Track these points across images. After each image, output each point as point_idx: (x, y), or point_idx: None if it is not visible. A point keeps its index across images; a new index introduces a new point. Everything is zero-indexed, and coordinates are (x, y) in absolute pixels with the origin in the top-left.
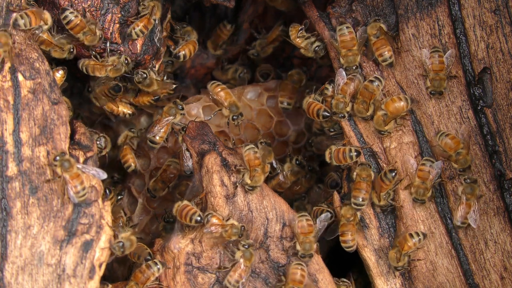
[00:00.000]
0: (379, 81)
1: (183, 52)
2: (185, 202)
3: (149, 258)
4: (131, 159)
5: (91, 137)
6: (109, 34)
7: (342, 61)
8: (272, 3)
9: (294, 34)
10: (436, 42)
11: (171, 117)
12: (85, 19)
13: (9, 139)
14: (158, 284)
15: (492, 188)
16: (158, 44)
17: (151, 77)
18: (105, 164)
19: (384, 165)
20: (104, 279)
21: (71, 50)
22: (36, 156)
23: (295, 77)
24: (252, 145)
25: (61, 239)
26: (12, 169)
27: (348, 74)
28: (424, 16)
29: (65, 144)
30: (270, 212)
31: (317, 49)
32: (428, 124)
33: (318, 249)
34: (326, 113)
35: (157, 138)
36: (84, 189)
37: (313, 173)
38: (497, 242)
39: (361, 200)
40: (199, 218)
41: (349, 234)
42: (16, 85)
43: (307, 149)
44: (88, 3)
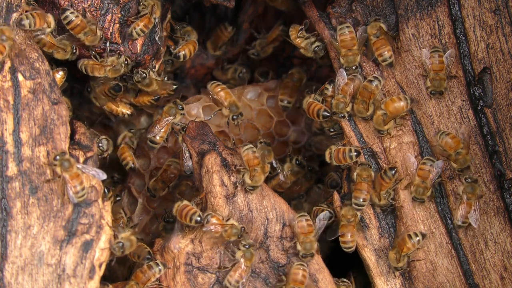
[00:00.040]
0: (378, 81)
1: (183, 52)
2: (185, 202)
3: (149, 257)
4: (129, 157)
5: (92, 137)
6: (109, 34)
7: (342, 61)
8: (272, 3)
9: (294, 34)
10: (436, 42)
11: (171, 117)
12: (86, 19)
13: (9, 139)
14: (158, 285)
15: (492, 188)
16: (159, 43)
17: (151, 77)
18: (105, 164)
19: (384, 165)
20: (104, 279)
21: (74, 51)
22: (36, 156)
23: (296, 76)
24: (251, 145)
25: (61, 239)
26: (12, 169)
27: (348, 74)
28: (424, 16)
29: (65, 144)
30: (270, 212)
31: (317, 49)
32: (428, 124)
33: (318, 249)
34: (326, 113)
35: (157, 138)
36: (84, 189)
37: (313, 173)
38: (497, 242)
39: (362, 201)
40: (199, 218)
41: (349, 235)
42: (16, 85)
43: (307, 149)
44: (88, 3)
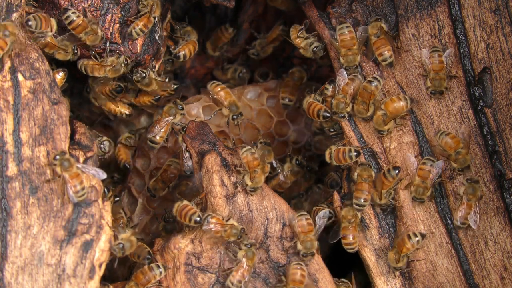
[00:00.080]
0: (378, 81)
1: (183, 52)
2: (185, 202)
3: (149, 257)
4: (123, 155)
5: (92, 138)
6: (109, 34)
7: (342, 61)
8: (272, 3)
9: (295, 34)
10: (436, 42)
11: (171, 117)
12: (87, 19)
13: (9, 139)
14: (158, 285)
15: (492, 188)
16: (159, 42)
17: (150, 77)
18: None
19: (384, 165)
20: (104, 279)
21: (75, 52)
22: (36, 156)
23: (296, 75)
24: (249, 147)
25: (61, 239)
26: (12, 169)
27: (348, 74)
28: (424, 16)
29: (65, 144)
30: (270, 212)
31: (316, 50)
32: (428, 124)
33: (319, 249)
34: (327, 113)
35: (157, 138)
36: (84, 189)
37: (313, 173)
38: (497, 242)
39: (363, 201)
40: (198, 219)
41: (351, 237)
42: (16, 85)
43: (307, 149)
44: (88, 3)
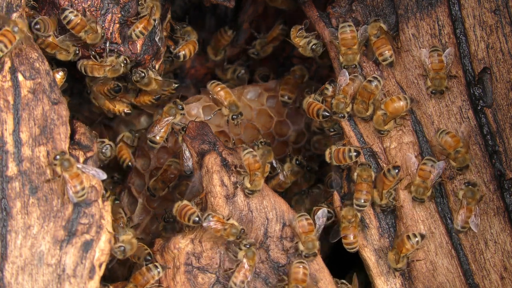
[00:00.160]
0: (378, 81)
1: (183, 52)
2: (185, 202)
3: (149, 259)
4: (126, 155)
5: (92, 138)
6: (109, 34)
7: (342, 60)
8: (273, 3)
9: (294, 34)
10: (436, 42)
11: (171, 117)
12: (86, 18)
13: (9, 139)
14: (158, 285)
15: (492, 188)
16: (160, 44)
17: (149, 76)
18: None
19: (384, 165)
20: (104, 279)
21: (77, 52)
22: (36, 156)
23: (298, 73)
24: (251, 149)
25: (61, 239)
26: (12, 169)
27: (348, 74)
28: (424, 16)
29: (65, 144)
30: (270, 212)
31: (314, 47)
32: (428, 124)
33: (319, 249)
34: (326, 113)
35: (157, 138)
36: (84, 189)
37: (313, 174)
38: (497, 242)
39: (363, 201)
40: (197, 219)
41: (352, 237)
42: (16, 85)
43: (307, 149)
44: (88, 3)
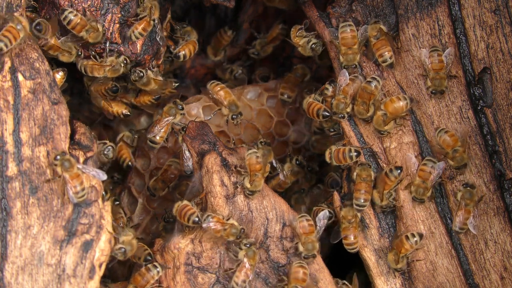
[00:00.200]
0: (377, 81)
1: (183, 52)
2: (185, 202)
3: (149, 259)
4: (126, 154)
5: (92, 138)
6: (109, 34)
7: (342, 59)
8: (270, 3)
9: (294, 34)
10: (436, 42)
11: (171, 117)
12: (86, 17)
13: (9, 139)
14: (158, 286)
15: (492, 188)
16: (160, 43)
17: (148, 76)
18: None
19: (384, 165)
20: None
21: (79, 54)
22: (36, 156)
23: (299, 71)
24: (255, 150)
25: (61, 239)
26: (12, 169)
27: (348, 74)
28: (424, 16)
29: (65, 144)
30: (270, 212)
31: (314, 47)
32: (428, 124)
33: (319, 249)
34: (326, 113)
35: (157, 138)
36: (84, 190)
37: (313, 174)
38: (497, 242)
39: (363, 201)
40: (197, 219)
41: (352, 237)
42: (16, 85)
43: (307, 149)
44: (88, 3)
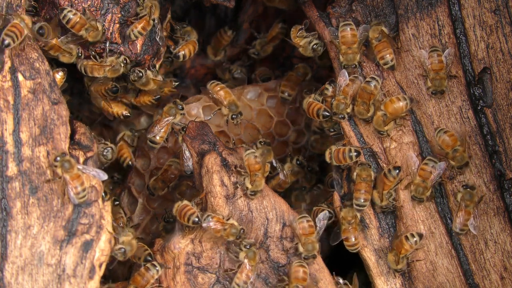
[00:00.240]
0: (376, 81)
1: (183, 52)
2: (185, 202)
3: (149, 259)
4: (127, 154)
5: (92, 138)
6: (109, 34)
7: (342, 59)
8: (270, 3)
9: (294, 34)
10: (436, 42)
11: (171, 117)
12: (85, 16)
13: (9, 139)
14: (159, 286)
15: (492, 188)
16: (160, 43)
17: (147, 76)
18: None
19: (384, 165)
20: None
21: (79, 55)
22: (36, 156)
23: (301, 70)
24: (253, 150)
25: (61, 239)
26: (12, 169)
27: (349, 74)
28: (424, 16)
29: (65, 144)
30: (270, 212)
31: (315, 47)
32: (428, 124)
33: (319, 249)
34: (326, 113)
35: (157, 138)
36: (84, 190)
37: (314, 174)
38: (497, 242)
39: (363, 201)
40: (197, 219)
41: (353, 238)
42: (16, 85)
43: (307, 149)
44: (88, 3)
